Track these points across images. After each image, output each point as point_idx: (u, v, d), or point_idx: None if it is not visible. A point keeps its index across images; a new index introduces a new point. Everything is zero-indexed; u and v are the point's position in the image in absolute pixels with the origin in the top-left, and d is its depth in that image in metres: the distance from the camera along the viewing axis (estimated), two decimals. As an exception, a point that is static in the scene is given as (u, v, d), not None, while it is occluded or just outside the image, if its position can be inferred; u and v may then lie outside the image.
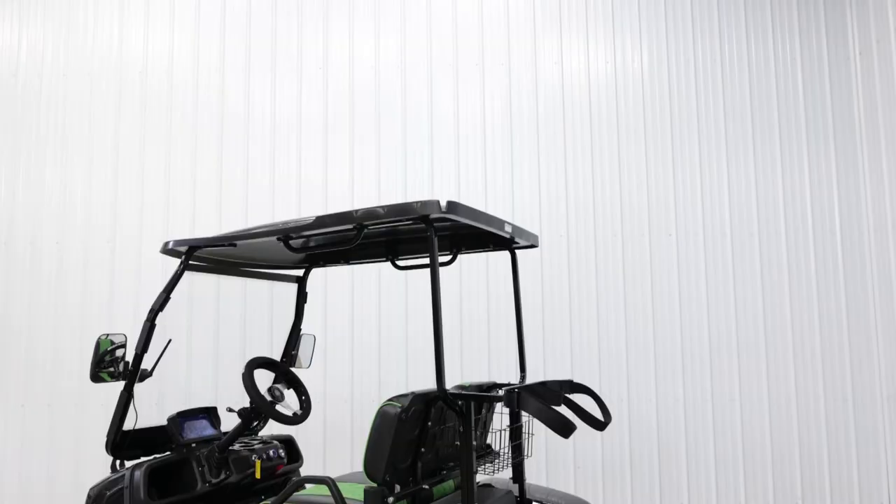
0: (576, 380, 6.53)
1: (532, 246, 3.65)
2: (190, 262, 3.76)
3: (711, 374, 6.56)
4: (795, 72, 6.90)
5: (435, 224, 2.98)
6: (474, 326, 6.70)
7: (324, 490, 3.07)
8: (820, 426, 6.48)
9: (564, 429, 2.55)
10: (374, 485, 2.69)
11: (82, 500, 6.54)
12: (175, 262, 6.85)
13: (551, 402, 2.93)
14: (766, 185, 6.75)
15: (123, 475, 3.33)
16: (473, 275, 6.76)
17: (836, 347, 6.54)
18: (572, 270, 6.74)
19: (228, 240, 3.22)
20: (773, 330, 6.58)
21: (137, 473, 3.30)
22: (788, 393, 6.52)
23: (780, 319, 6.59)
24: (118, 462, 3.52)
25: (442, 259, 4.71)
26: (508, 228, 3.21)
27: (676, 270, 6.68)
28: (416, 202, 2.72)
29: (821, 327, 6.56)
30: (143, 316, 6.78)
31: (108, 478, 3.40)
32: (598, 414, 6.43)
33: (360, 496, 2.94)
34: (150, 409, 6.67)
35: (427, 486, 2.97)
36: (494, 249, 3.77)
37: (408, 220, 2.82)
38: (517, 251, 6.53)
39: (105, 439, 3.42)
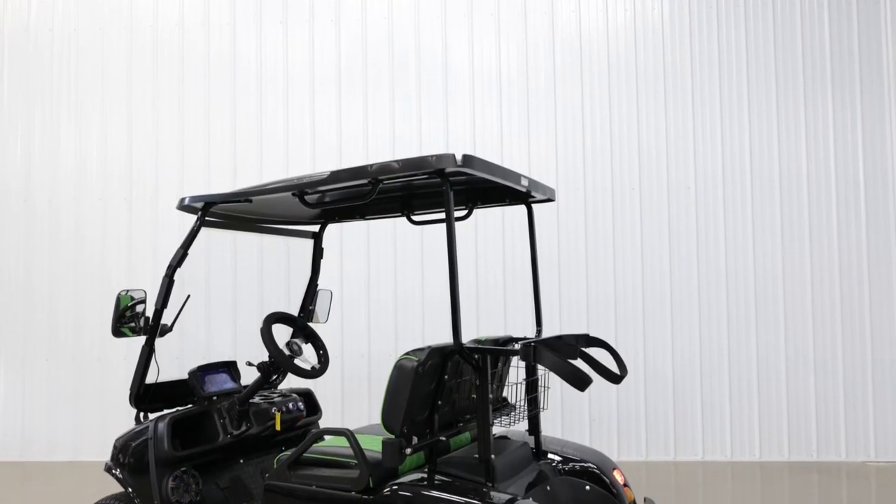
0: (592, 334, 6.54)
1: (548, 200, 3.60)
2: (206, 218, 3.77)
3: (728, 328, 6.54)
4: (822, 14, 6.68)
5: (450, 178, 2.95)
6: (490, 281, 6.70)
7: (342, 442, 3.11)
8: (837, 380, 6.47)
9: (580, 382, 2.56)
10: (392, 436, 2.73)
11: (108, 450, 6.73)
12: (191, 219, 6.88)
13: (567, 355, 2.93)
14: (788, 135, 6.61)
15: (147, 427, 3.40)
16: (489, 229, 6.74)
17: (855, 302, 6.49)
18: (589, 224, 6.69)
19: (244, 195, 3.20)
20: (792, 284, 6.53)
21: (161, 425, 3.37)
22: (806, 347, 6.50)
23: (800, 273, 6.53)
24: (142, 414, 3.59)
25: (458, 214, 4.68)
26: (525, 182, 3.17)
27: (695, 224, 6.61)
28: (432, 156, 2.68)
29: (841, 281, 6.50)
30: (162, 272, 6.85)
31: (133, 429, 3.47)
32: (613, 367, 6.46)
33: (378, 448, 2.98)
34: (171, 364, 6.79)
35: (444, 438, 3.00)
36: (510, 204, 3.73)
37: (423, 174, 2.78)
38: (533, 205, 6.48)
39: (128, 392, 3.50)
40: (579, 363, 6.87)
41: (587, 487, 3.30)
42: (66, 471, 6.45)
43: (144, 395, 3.53)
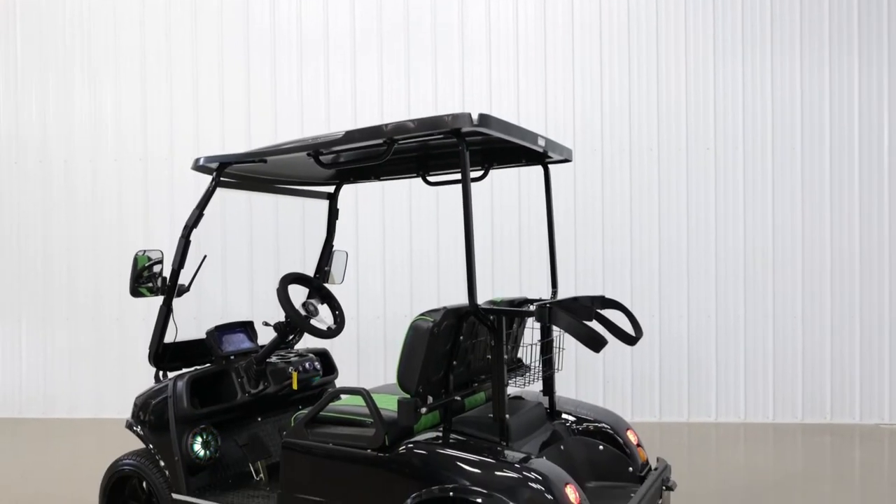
0: (608, 295, 6.53)
1: (565, 160, 3.56)
2: (221, 178, 3.76)
3: (745, 290, 6.50)
4: (849, -27, 6.47)
5: (466, 138, 2.92)
6: (506, 242, 6.68)
7: (358, 401, 3.15)
8: (854, 343, 6.43)
9: (595, 343, 2.56)
10: (407, 396, 2.75)
11: (129, 408, 6.87)
12: (207, 179, 6.89)
13: (583, 317, 2.92)
14: (812, 97, 6.47)
15: (167, 385, 3.46)
16: (505, 190, 6.70)
17: (875, 265, 6.41)
18: (606, 185, 6.62)
19: (259, 156, 3.19)
20: (811, 246, 6.46)
21: (180, 384, 3.42)
22: (823, 309, 6.45)
23: (820, 235, 6.45)
24: (161, 373, 3.65)
25: (473, 174, 4.65)
26: (541, 142, 3.12)
27: (714, 185, 6.53)
28: (448, 115, 2.65)
29: (861, 244, 6.42)
30: (178, 232, 6.89)
31: (153, 388, 3.53)
32: (629, 329, 6.46)
33: (394, 407, 3.01)
34: (189, 323, 6.87)
35: (459, 398, 3.03)
36: (527, 164, 3.69)
37: (439, 134, 2.75)
38: (550, 166, 6.42)
39: (147, 352, 3.56)
40: (594, 325, 6.88)
41: (601, 447, 3.33)
42: (88, 428, 6.60)
43: (163, 354, 3.57)
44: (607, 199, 6.62)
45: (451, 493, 2.55)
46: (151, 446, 3.43)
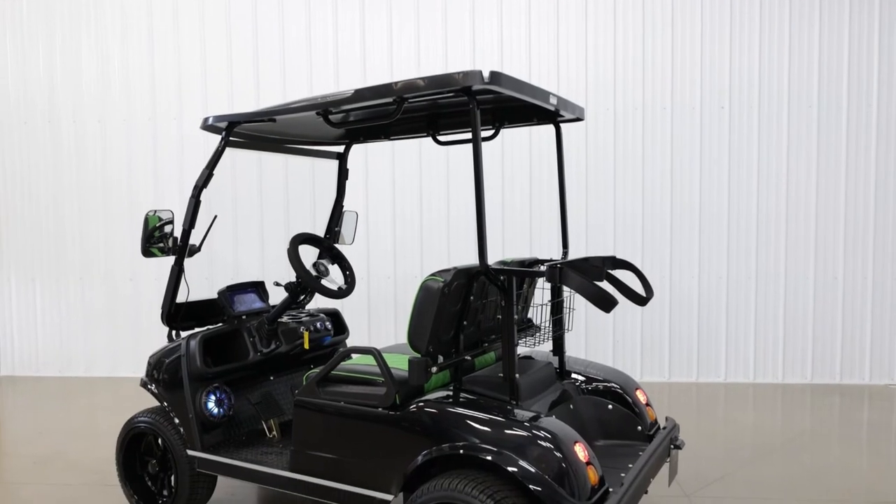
0: (618, 256, 6.51)
1: (577, 119, 3.51)
2: (230, 138, 3.74)
3: (758, 251, 6.46)
4: (873, -76, 6.27)
5: (477, 96, 2.88)
6: (516, 202, 6.65)
7: (369, 360, 3.17)
8: (866, 305, 6.41)
9: (606, 303, 2.55)
10: (418, 355, 2.77)
11: (143, 367, 6.97)
12: (216, 139, 6.86)
13: (593, 277, 2.92)
14: (830, 54, 6.33)
15: (180, 345, 3.49)
16: (516, 150, 6.63)
17: (890, 226, 6.35)
18: (618, 145, 6.55)
19: (267, 114, 3.17)
20: (825, 207, 6.39)
21: (193, 343, 3.46)
22: (836, 271, 6.42)
23: (835, 196, 6.37)
24: (174, 332, 3.68)
25: (484, 134, 4.60)
26: (553, 100, 3.08)
27: (727, 144, 6.44)
28: (458, 73, 2.61)
29: (875, 206, 6.34)
30: (188, 192, 6.89)
31: (166, 347, 3.57)
32: (639, 289, 6.45)
33: (405, 366, 3.03)
34: (200, 283, 6.92)
35: (469, 358, 3.04)
36: (538, 123, 3.65)
37: (449, 92, 2.72)
38: (562, 125, 6.34)
39: (160, 311, 3.59)
40: (605, 285, 6.88)
41: (610, 406, 3.35)
42: (104, 386, 6.71)
43: (175, 313, 3.60)
44: (619, 158, 6.55)
45: (461, 451, 2.58)
46: (166, 404, 3.48)
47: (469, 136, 5.14)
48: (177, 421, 3.44)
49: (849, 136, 6.33)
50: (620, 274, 6.57)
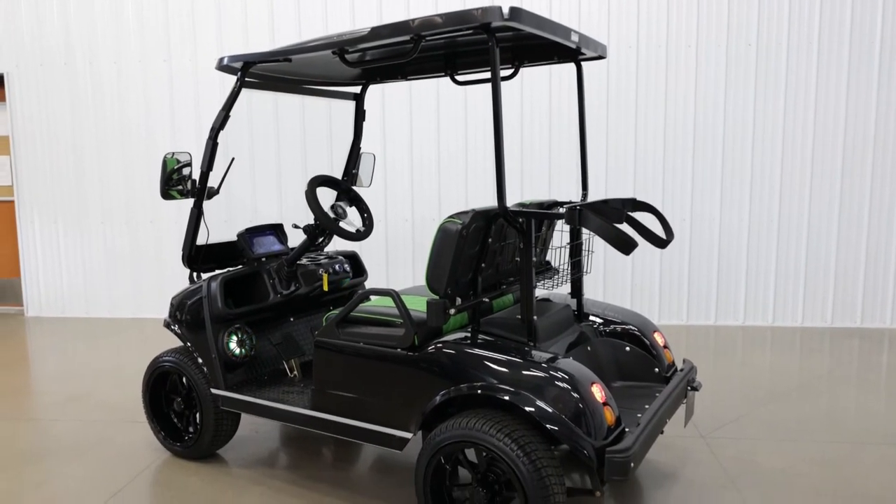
0: (639, 198, 6.44)
1: (600, 57, 3.42)
2: (246, 79, 3.70)
3: (781, 193, 6.36)
4: None
5: (497, 34, 2.80)
6: (535, 144, 6.56)
7: (388, 302, 3.20)
8: (890, 249, 6.31)
9: (625, 246, 2.53)
10: (436, 297, 2.78)
11: (166, 308, 7.09)
12: (232, 80, 6.80)
13: (613, 219, 2.89)
14: (864, -15, 6.07)
15: (201, 286, 3.54)
16: (535, 89, 6.51)
17: (919, 166, 6.20)
18: (640, 84, 6.40)
19: (283, 54, 3.12)
20: (852, 148, 6.24)
21: (214, 284, 3.50)
22: (861, 213, 6.31)
23: (863, 137, 6.21)
24: (195, 274, 3.73)
25: (503, 73, 4.51)
26: (575, 38, 2.99)
27: (753, 84, 6.27)
28: (477, 9, 2.54)
29: (906, 144, 6.18)
30: (205, 134, 6.87)
31: (188, 288, 3.61)
32: (660, 232, 6.40)
33: (423, 308, 3.05)
34: (220, 226, 6.96)
35: (487, 300, 3.05)
36: (559, 62, 3.56)
37: (468, 29, 2.65)
38: (583, 63, 6.19)
39: (181, 253, 3.63)
40: (625, 227, 6.83)
41: (627, 348, 3.37)
42: (129, 326, 6.85)
43: (196, 256, 3.64)
44: (641, 98, 6.41)
45: (478, 391, 2.62)
46: (189, 344, 3.55)
47: (488, 75, 5.04)
48: (200, 361, 3.50)
49: (881, 74, 6.13)
50: (641, 216, 6.51)
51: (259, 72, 3.72)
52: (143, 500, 3.24)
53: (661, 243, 2.96)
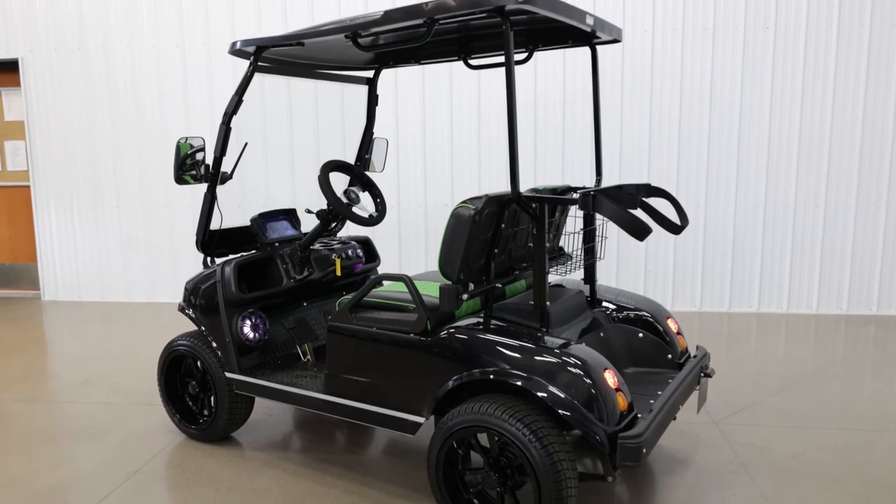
0: (653, 183, 6.40)
1: (615, 41, 3.38)
2: (259, 63, 3.69)
3: (797, 179, 6.29)
4: None
5: (511, 17, 2.78)
6: (549, 128, 6.52)
7: (401, 287, 3.20)
8: (908, 233, 6.24)
9: (640, 232, 2.51)
10: (449, 283, 2.78)
11: (181, 293, 7.14)
12: (244, 65, 6.79)
13: (627, 205, 2.87)
14: (885, -33, 5.96)
15: (215, 271, 3.56)
16: (549, 73, 6.46)
17: (939, 151, 6.10)
18: (656, 68, 6.33)
19: (295, 38, 3.11)
20: (871, 133, 6.15)
21: (227, 269, 3.52)
22: (879, 200, 6.23)
23: (883, 122, 6.12)
24: (209, 259, 3.75)
25: (517, 57, 4.47)
26: (590, 21, 2.96)
27: (771, 68, 6.19)
28: (491, -8, 2.52)
29: (925, 130, 6.09)
30: (219, 119, 6.88)
31: (202, 273, 3.63)
32: (674, 218, 6.36)
33: (435, 293, 3.05)
34: (233, 211, 6.99)
35: (499, 285, 3.05)
36: (574, 45, 3.53)
37: (481, 12, 2.63)
38: (598, 47, 6.13)
39: (195, 238, 3.65)
40: (639, 213, 6.79)
41: (640, 335, 3.36)
42: (144, 311, 6.91)
43: (210, 240, 3.65)
44: (657, 82, 6.34)
45: (491, 376, 2.62)
46: (203, 328, 3.57)
47: (501, 59, 5.00)
48: (214, 345, 3.53)
49: (901, 58, 6.03)
50: (655, 202, 6.47)
51: (272, 56, 3.71)
52: (159, 482, 3.28)
53: (675, 229, 2.94)
